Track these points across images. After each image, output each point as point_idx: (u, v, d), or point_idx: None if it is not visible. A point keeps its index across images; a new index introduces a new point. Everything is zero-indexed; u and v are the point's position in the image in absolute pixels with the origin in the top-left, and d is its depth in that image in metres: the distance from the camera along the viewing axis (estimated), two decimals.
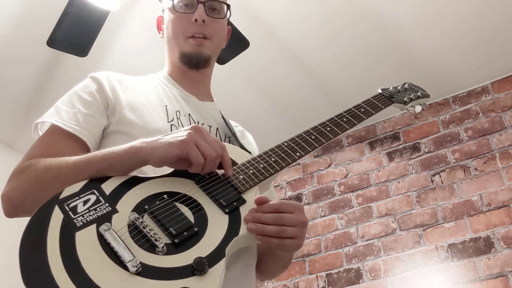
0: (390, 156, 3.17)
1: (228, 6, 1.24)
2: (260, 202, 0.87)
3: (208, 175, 0.90)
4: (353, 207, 3.11)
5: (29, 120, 3.21)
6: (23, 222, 0.79)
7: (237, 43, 2.31)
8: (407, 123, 3.23)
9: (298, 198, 3.34)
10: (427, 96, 1.34)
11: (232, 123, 1.26)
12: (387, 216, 2.96)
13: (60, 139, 0.97)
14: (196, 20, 1.14)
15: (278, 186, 3.47)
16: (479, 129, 2.95)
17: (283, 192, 3.43)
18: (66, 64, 2.77)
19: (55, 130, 0.98)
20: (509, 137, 2.83)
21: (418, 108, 1.31)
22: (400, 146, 3.17)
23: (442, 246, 2.70)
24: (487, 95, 3.04)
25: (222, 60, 2.37)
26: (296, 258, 3.10)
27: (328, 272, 2.97)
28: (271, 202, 0.87)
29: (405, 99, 1.26)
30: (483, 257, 2.56)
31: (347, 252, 2.97)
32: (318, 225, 3.17)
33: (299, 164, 3.49)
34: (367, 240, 2.94)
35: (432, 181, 2.94)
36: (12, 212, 0.90)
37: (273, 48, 2.79)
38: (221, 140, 1.12)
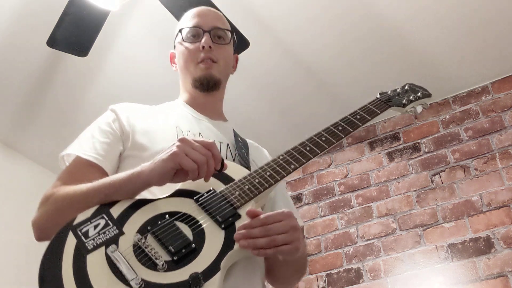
0: (390, 156, 3.17)
1: (232, 33, 1.35)
2: (251, 215, 0.92)
3: (206, 193, 0.97)
4: (353, 207, 3.11)
5: (29, 120, 3.22)
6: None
7: (237, 43, 2.31)
8: (407, 123, 3.23)
9: (298, 198, 3.34)
10: (428, 95, 1.33)
11: (248, 141, 1.34)
12: (387, 216, 2.96)
13: (81, 167, 1.09)
14: (203, 47, 1.25)
15: None
16: (479, 129, 2.95)
17: None
18: (66, 64, 2.77)
19: (76, 160, 1.11)
20: (509, 137, 2.83)
21: (419, 109, 1.30)
22: (400, 146, 3.17)
23: (442, 246, 2.70)
24: (487, 95, 3.05)
25: None
26: None
27: (328, 272, 2.97)
28: (259, 216, 0.91)
29: (403, 101, 1.26)
30: (483, 257, 2.56)
31: (347, 252, 2.97)
32: (318, 225, 3.17)
33: None
34: (367, 240, 2.94)
35: (432, 181, 2.94)
36: (40, 236, 1.01)
37: (275, 49, 2.79)
38: (231, 155, 1.21)
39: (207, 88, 1.27)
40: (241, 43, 2.33)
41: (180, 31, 1.32)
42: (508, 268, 2.47)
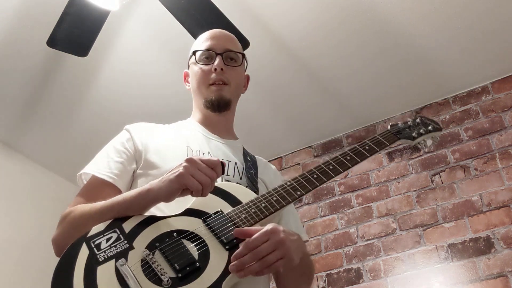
0: (390, 156, 3.17)
1: (244, 56, 1.41)
2: (238, 235, 0.95)
3: (214, 214, 1.02)
4: (353, 207, 3.11)
5: (29, 120, 3.22)
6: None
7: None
8: None
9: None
10: (439, 129, 1.35)
11: (257, 158, 1.39)
12: (387, 216, 2.96)
13: (96, 186, 1.16)
14: (215, 69, 1.31)
15: None
16: (479, 129, 2.95)
17: None
18: (66, 64, 2.77)
19: (93, 179, 1.18)
20: (509, 137, 2.83)
21: (429, 142, 1.31)
22: (400, 146, 3.17)
23: (442, 246, 2.70)
24: (487, 95, 3.05)
25: None
26: None
27: (328, 272, 2.97)
28: (245, 244, 0.93)
29: (413, 134, 1.28)
30: (483, 257, 2.56)
31: (347, 252, 2.97)
32: (318, 225, 3.17)
33: (299, 164, 3.48)
34: (367, 240, 2.94)
35: (432, 181, 2.94)
36: (60, 253, 1.04)
37: (278, 52, 2.79)
38: (239, 174, 1.26)
39: (218, 109, 1.33)
40: (241, 43, 2.32)
41: (194, 53, 1.38)
42: (508, 268, 2.47)
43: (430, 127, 1.31)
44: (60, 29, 2.16)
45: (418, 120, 1.34)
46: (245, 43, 2.33)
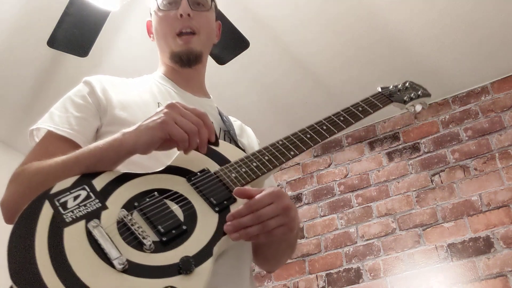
0: (390, 156, 3.18)
1: None
2: (239, 194, 0.85)
3: (200, 172, 0.90)
4: (353, 207, 3.11)
5: (29, 120, 3.21)
6: None
7: (237, 43, 2.32)
8: (407, 123, 3.24)
9: (298, 198, 3.34)
10: (428, 95, 1.31)
11: (231, 119, 1.26)
12: (387, 216, 2.96)
13: (54, 143, 0.99)
14: (181, 15, 1.15)
15: (278, 186, 3.47)
16: (479, 129, 2.96)
17: None
18: (67, 64, 2.77)
19: (49, 135, 1.00)
20: (509, 137, 2.84)
21: (418, 108, 1.28)
22: (400, 146, 3.17)
23: (441, 246, 2.71)
24: (487, 95, 3.05)
25: (222, 60, 2.38)
26: (295, 258, 3.11)
27: (328, 272, 2.97)
28: (248, 201, 0.84)
29: (404, 98, 1.23)
30: (482, 257, 2.56)
31: (347, 252, 2.97)
32: (318, 225, 3.17)
33: (298, 164, 3.49)
34: (367, 240, 2.95)
35: (431, 181, 2.94)
36: (10, 218, 0.91)
37: (274, 49, 2.79)
38: (218, 136, 1.11)
39: (188, 64, 1.19)
40: (241, 43, 2.33)
41: None
42: (507, 268, 2.48)
43: (419, 92, 1.28)
44: (61, 29, 2.17)
45: (407, 84, 1.29)
46: (245, 43, 2.34)
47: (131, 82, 1.17)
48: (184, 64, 1.19)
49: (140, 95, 1.11)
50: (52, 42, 2.21)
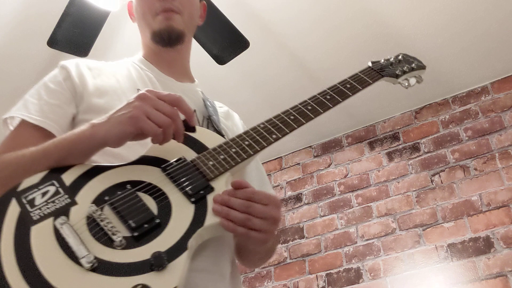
0: (390, 156, 3.18)
1: None
2: (236, 186, 0.81)
3: (175, 161, 0.86)
4: (353, 207, 3.11)
5: None
6: None
7: (237, 43, 2.32)
8: (407, 123, 3.24)
9: (298, 198, 3.34)
10: (423, 67, 1.23)
11: (217, 104, 1.20)
12: (387, 216, 2.96)
13: (26, 132, 0.94)
14: None
15: (278, 186, 3.48)
16: (479, 129, 2.96)
17: (283, 192, 3.43)
18: None
19: (22, 124, 0.96)
20: (509, 137, 2.84)
21: (412, 81, 1.20)
22: (400, 146, 3.17)
23: (441, 246, 2.71)
24: (487, 95, 3.05)
25: (222, 60, 2.38)
26: (295, 258, 3.11)
27: (328, 272, 2.97)
28: (246, 189, 0.81)
29: (397, 71, 1.16)
30: (482, 257, 2.56)
31: (347, 252, 2.97)
32: (318, 225, 3.17)
33: (298, 164, 3.49)
34: (367, 240, 2.95)
35: (431, 181, 2.94)
36: None
37: (271, 45, 2.79)
38: (199, 123, 1.06)
39: (169, 43, 1.12)
40: (241, 43, 2.33)
41: None
42: (507, 268, 2.48)
43: (413, 65, 1.20)
44: (61, 29, 2.17)
45: (400, 57, 1.21)
46: (245, 44, 2.33)
47: (110, 66, 1.12)
48: (165, 44, 1.12)
49: (118, 81, 1.06)
50: (52, 42, 2.21)
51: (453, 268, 2.61)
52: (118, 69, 1.11)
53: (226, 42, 2.30)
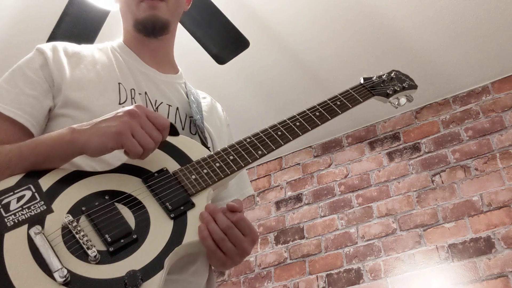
0: (390, 156, 3.17)
1: None
2: (230, 210, 0.81)
3: (157, 173, 0.83)
4: (353, 207, 3.10)
5: None
6: None
7: (237, 42, 2.31)
8: (407, 123, 3.23)
9: (298, 198, 3.34)
10: (414, 87, 1.21)
11: (201, 95, 1.16)
12: (388, 216, 2.96)
13: (0, 124, 0.88)
14: None
15: (278, 186, 3.47)
16: (480, 129, 2.95)
17: (283, 192, 3.43)
18: None
19: None
20: (510, 137, 2.83)
21: (402, 101, 1.19)
22: (400, 146, 3.17)
23: (442, 246, 2.70)
24: (488, 95, 3.04)
25: (222, 60, 2.37)
26: (296, 259, 3.10)
27: (328, 272, 2.96)
28: (235, 213, 0.80)
29: (388, 91, 1.15)
30: (483, 257, 2.56)
31: (347, 252, 2.97)
32: (318, 225, 3.16)
33: (299, 164, 3.48)
34: (368, 240, 2.94)
35: (432, 181, 2.94)
36: None
37: (271, 45, 2.79)
38: (181, 122, 1.03)
39: (153, 33, 1.06)
40: (241, 43, 2.32)
41: None
42: (508, 268, 2.47)
43: (405, 84, 1.18)
44: (60, 29, 2.16)
45: (392, 74, 1.19)
46: (245, 43, 2.33)
47: (90, 51, 1.05)
48: (149, 33, 1.06)
49: (99, 73, 1.00)
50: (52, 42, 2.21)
51: (454, 268, 2.60)
52: (98, 56, 1.05)
53: (226, 42, 2.29)
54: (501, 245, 2.55)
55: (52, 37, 2.19)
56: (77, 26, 2.17)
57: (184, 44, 2.41)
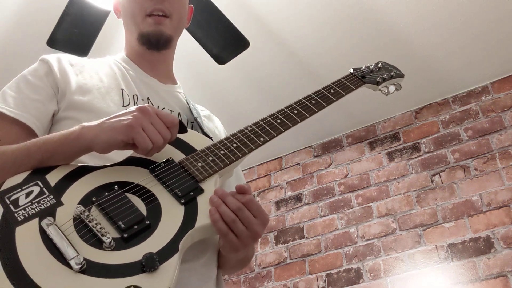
0: (390, 156, 3.17)
1: None
2: (239, 191, 0.82)
3: (163, 163, 0.85)
4: (353, 207, 3.11)
5: None
6: None
7: (237, 43, 2.31)
8: (407, 123, 3.23)
9: (298, 198, 3.34)
10: (401, 75, 1.27)
11: (199, 107, 1.20)
12: (387, 216, 2.96)
13: (5, 126, 0.91)
14: None
15: (278, 186, 3.47)
16: (479, 129, 2.95)
17: (283, 192, 3.43)
18: None
19: (1, 118, 0.92)
20: (509, 137, 2.83)
21: (391, 88, 1.25)
22: (400, 146, 3.17)
23: (442, 246, 2.70)
24: (487, 95, 3.05)
25: (222, 60, 2.38)
26: (296, 258, 3.10)
27: (328, 272, 2.97)
28: (245, 194, 0.82)
29: (377, 79, 1.19)
30: (483, 257, 2.56)
31: (347, 252, 2.97)
32: (318, 225, 3.17)
33: (299, 164, 3.49)
34: (367, 240, 2.95)
35: (432, 181, 2.94)
36: None
37: (271, 45, 2.79)
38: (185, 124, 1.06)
39: (157, 47, 1.11)
40: (241, 43, 2.33)
41: None
42: (508, 268, 2.47)
43: (392, 73, 1.24)
44: (60, 29, 2.17)
45: (380, 65, 1.25)
46: (245, 43, 2.33)
47: (92, 63, 1.09)
48: (152, 46, 1.10)
49: (101, 79, 1.04)
50: (52, 42, 2.21)
51: (453, 268, 2.61)
52: (100, 67, 1.09)
53: (226, 42, 2.29)
54: (501, 245, 2.55)
55: (52, 37, 2.20)
56: (78, 26, 2.17)
57: (184, 44, 2.41)
